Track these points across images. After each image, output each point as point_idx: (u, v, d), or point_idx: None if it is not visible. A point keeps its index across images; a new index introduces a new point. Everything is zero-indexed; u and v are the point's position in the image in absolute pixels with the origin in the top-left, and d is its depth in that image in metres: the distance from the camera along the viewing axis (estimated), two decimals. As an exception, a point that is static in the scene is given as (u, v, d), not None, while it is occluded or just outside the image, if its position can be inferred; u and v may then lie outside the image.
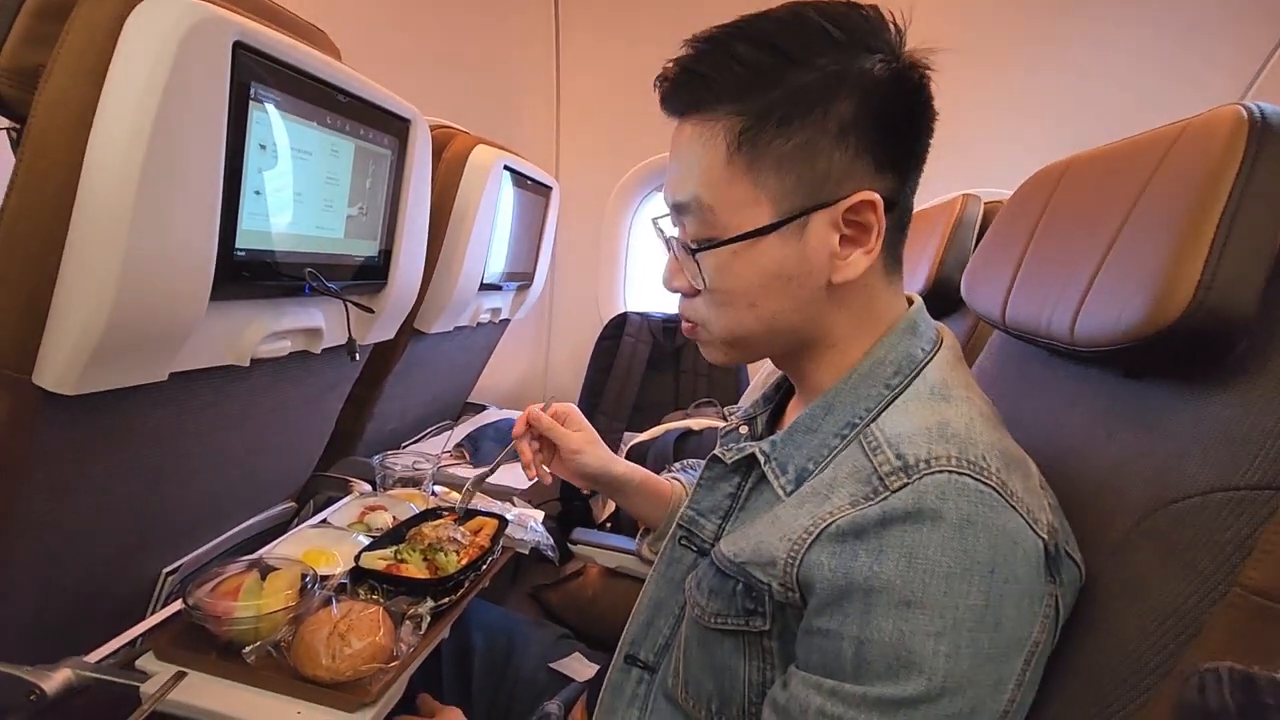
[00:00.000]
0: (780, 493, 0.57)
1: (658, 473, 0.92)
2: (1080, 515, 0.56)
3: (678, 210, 0.59)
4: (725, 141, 0.53)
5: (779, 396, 0.72)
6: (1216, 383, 0.50)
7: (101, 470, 0.73)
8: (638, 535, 0.94)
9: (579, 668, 0.96)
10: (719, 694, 0.57)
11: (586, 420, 0.86)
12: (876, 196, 0.53)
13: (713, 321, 0.59)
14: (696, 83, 0.54)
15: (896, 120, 0.54)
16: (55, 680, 0.65)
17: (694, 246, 0.57)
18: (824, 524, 0.50)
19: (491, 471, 0.88)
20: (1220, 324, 0.46)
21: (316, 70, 0.76)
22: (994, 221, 0.85)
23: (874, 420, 0.55)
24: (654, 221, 0.64)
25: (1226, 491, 0.46)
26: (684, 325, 0.64)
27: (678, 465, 0.97)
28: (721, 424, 0.86)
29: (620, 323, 2.18)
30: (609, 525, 1.66)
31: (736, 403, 0.81)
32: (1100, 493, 0.57)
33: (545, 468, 0.84)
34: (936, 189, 1.30)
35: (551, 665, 0.96)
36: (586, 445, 0.83)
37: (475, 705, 0.90)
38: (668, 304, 2.28)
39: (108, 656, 0.75)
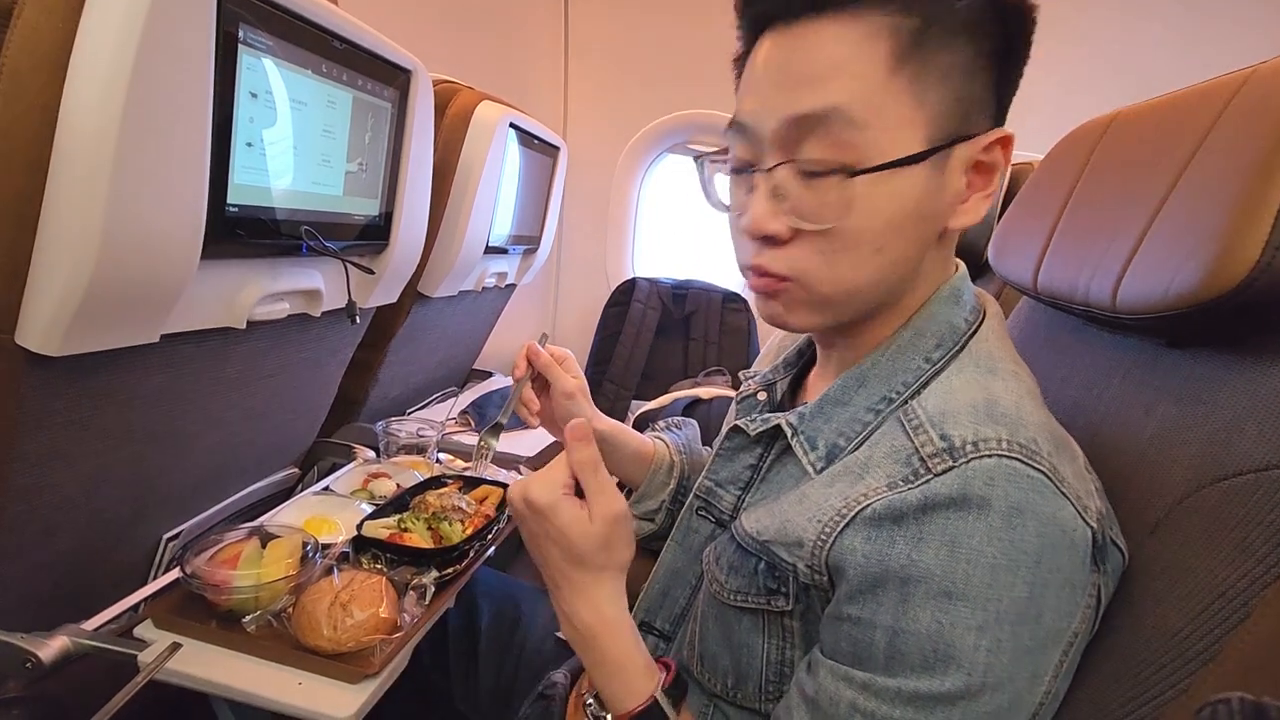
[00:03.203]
0: (809, 469, 0.54)
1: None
2: (1117, 493, 0.53)
3: (800, 126, 0.47)
4: (889, 44, 0.44)
5: (801, 364, 0.68)
6: (1273, 352, 0.47)
7: (95, 436, 0.71)
8: None
9: (586, 637, 0.95)
10: (735, 670, 0.55)
11: (580, 371, 0.83)
12: (1010, 134, 0.49)
13: (821, 272, 0.49)
14: None
15: (1021, 54, 0.49)
16: (52, 648, 0.64)
17: (821, 170, 0.46)
18: (858, 507, 0.46)
19: (503, 419, 0.84)
20: (1289, 289, 0.42)
21: (310, 13, 0.71)
22: (1028, 181, 0.81)
23: (914, 396, 0.51)
24: (697, 160, 0.56)
25: (1285, 469, 0.43)
26: (761, 281, 0.52)
27: (662, 424, 0.94)
28: (731, 393, 0.83)
29: (629, 289, 2.14)
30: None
31: (748, 370, 0.77)
32: (1139, 468, 0.54)
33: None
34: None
35: (559, 635, 0.95)
36: (578, 393, 0.79)
37: (482, 676, 0.89)
38: (677, 270, 2.24)
39: (107, 623, 0.74)
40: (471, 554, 0.85)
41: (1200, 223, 0.48)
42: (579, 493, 0.55)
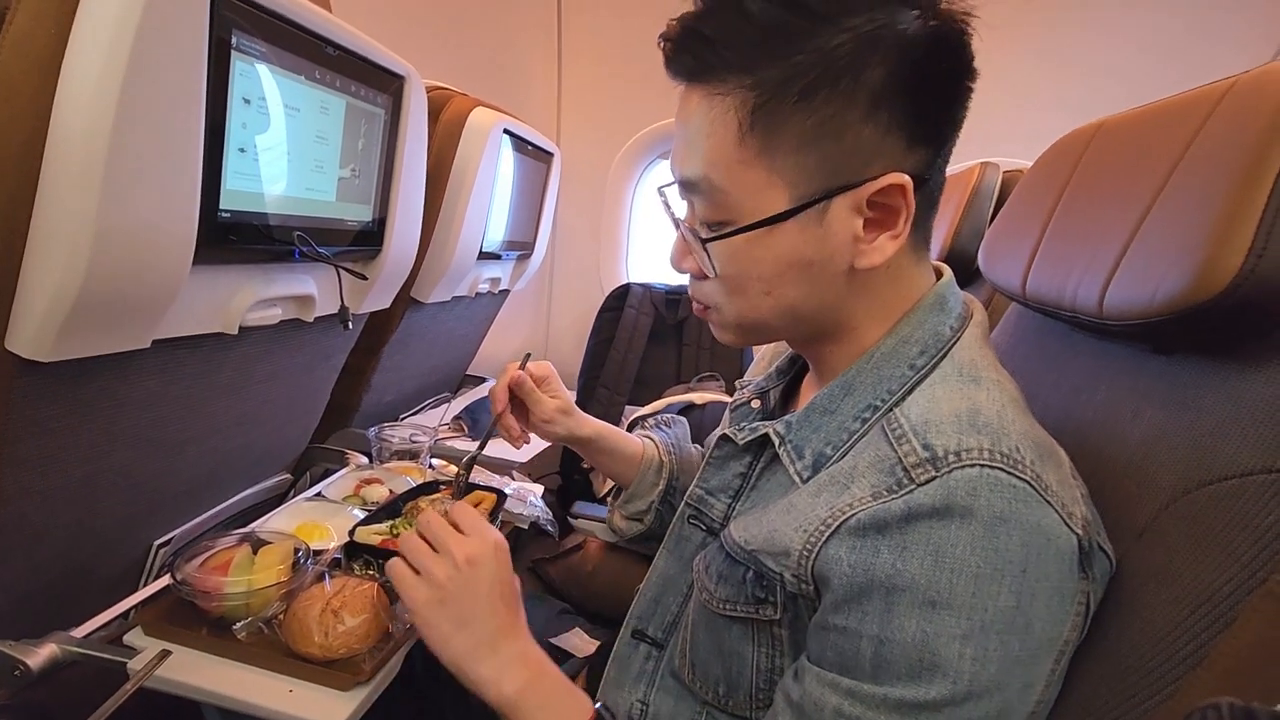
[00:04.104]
0: (796, 478, 0.54)
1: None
2: (1104, 498, 0.53)
3: (685, 187, 0.53)
4: (737, 118, 0.47)
5: (794, 371, 0.69)
6: (1257, 358, 0.47)
7: (86, 441, 0.71)
8: (609, 500, 0.93)
9: (579, 643, 0.95)
10: (726, 678, 0.55)
11: (563, 385, 0.84)
12: (907, 179, 0.48)
13: (725, 307, 0.55)
14: (703, 46, 0.48)
15: (934, 86, 0.48)
16: (40, 655, 0.64)
17: (703, 235, 0.52)
18: (843, 516, 0.47)
19: (479, 452, 0.86)
20: (1271, 295, 0.43)
21: (303, 20, 0.71)
22: (1015, 189, 0.82)
23: (898, 404, 0.51)
24: (660, 191, 0.58)
25: (1269, 474, 0.43)
26: (695, 307, 0.59)
27: (651, 421, 0.95)
28: (725, 398, 0.83)
29: (622, 294, 2.14)
30: (610, 494, 1.64)
31: (740, 377, 0.78)
32: (1126, 474, 0.54)
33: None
34: (952, 157, 1.25)
35: (552, 640, 0.95)
36: (558, 416, 0.81)
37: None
38: (671, 275, 2.24)
39: (97, 630, 0.74)
40: (464, 560, 0.84)
41: (1184, 230, 0.48)
42: None
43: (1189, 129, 0.53)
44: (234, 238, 0.71)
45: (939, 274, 0.58)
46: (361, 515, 0.89)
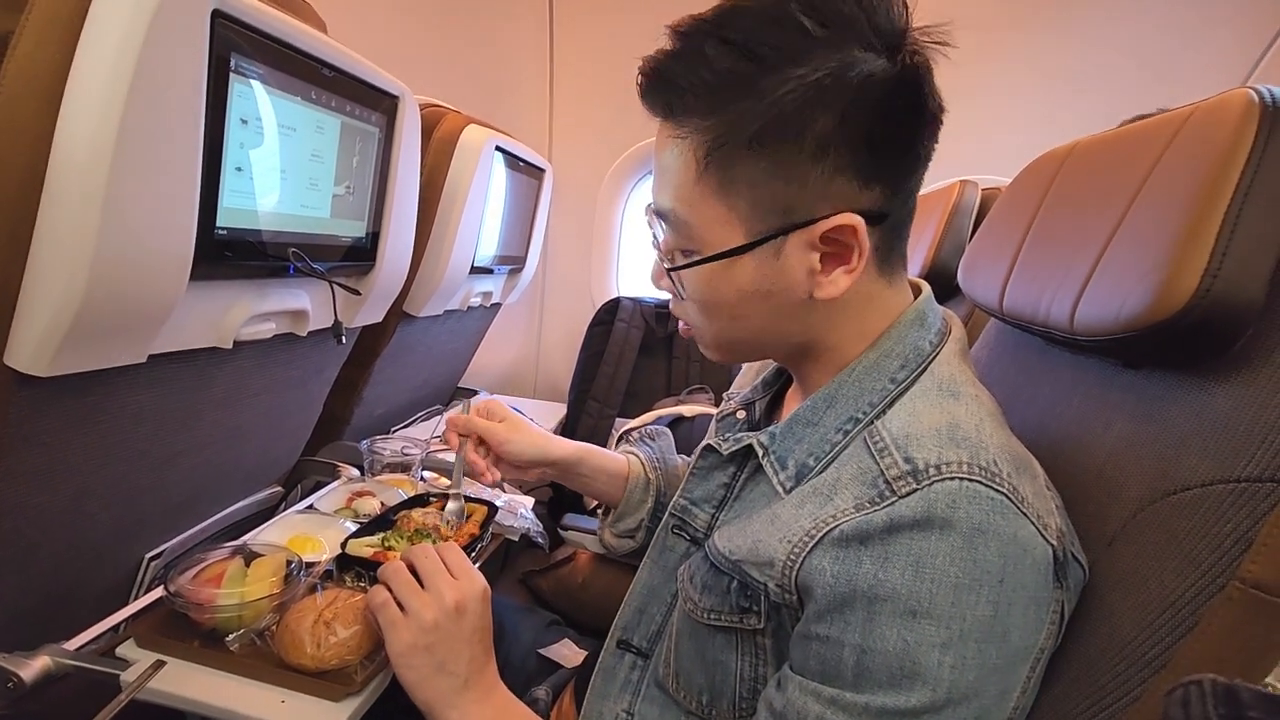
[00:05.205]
0: (779, 489, 0.55)
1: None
2: (1077, 507, 0.55)
3: (658, 215, 0.56)
4: (695, 157, 0.50)
5: (780, 383, 0.70)
6: (1218, 374, 0.49)
7: (80, 454, 0.72)
8: (599, 519, 0.94)
9: (568, 654, 0.96)
10: (710, 687, 0.56)
11: (510, 409, 0.86)
12: (857, 220, 0.49)
13: (703, 326, 0.58)
14: (667, 87, 0.50)
15: (889, 126, 0.48)
16: (33, 668, 0.64)
17: (669, 264, 0.56)
18: (826, 527, 0.48)
19: (457, 490, 0.88)
20: (1226, 314, 0.45)
21: (300, 42, 0.73)
22: (993, 207, 0.84)
23: (879, 417, 0.53)
24: (647, 210, 0.60)
25: (1227, 484, 0.45)
26: (680, 325, 0.62)
27: (635, 435, 0.96)
28: (714, 410, 0.85)
29: (613, 308, 2.15)
30: (600, 511, 1.65)
31: (729, 389, 0.80)
32: (1097, 484, 0.56)
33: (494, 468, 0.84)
34: (932, 175, 1.28)
35: (541, 651, 0.95)
36: (512, 434, 0.82)
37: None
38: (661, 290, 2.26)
39: (89, 643, 0.74)
40: (455, 571, 0.85)
41: (1147, 250, 0.50)
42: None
43: (1153, 153, 0.55)
44: (230, 254, 0.73)
45: (918, 290, 0.60)
46: (353, 528, 0.90)
